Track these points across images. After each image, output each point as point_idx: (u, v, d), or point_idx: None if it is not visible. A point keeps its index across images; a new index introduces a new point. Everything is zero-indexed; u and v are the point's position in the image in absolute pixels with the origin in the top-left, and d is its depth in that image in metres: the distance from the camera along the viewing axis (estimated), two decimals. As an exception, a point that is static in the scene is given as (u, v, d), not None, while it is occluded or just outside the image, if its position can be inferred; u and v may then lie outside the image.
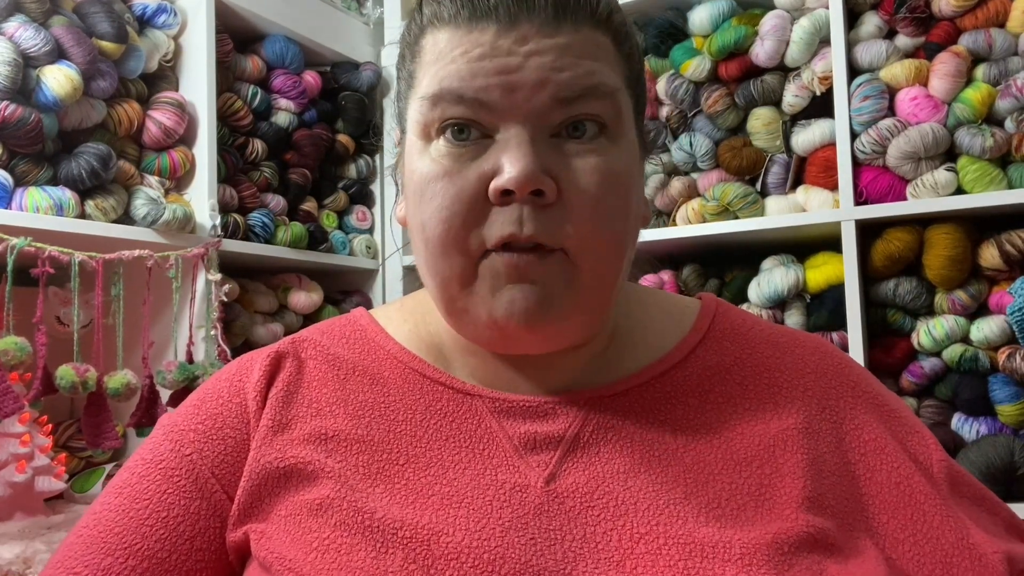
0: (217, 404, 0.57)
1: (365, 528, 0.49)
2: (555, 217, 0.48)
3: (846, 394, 0.56)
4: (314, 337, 0.60)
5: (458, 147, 0.49)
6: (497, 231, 0.48)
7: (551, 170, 0.48)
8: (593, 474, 0.51)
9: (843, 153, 1.45)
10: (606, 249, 0.50)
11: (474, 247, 0.49)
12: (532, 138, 0.48)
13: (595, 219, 0.49)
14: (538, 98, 0.48)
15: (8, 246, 1.14)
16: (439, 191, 0.49)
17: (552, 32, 0.48)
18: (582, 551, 0.47)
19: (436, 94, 0.49)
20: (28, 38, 1.21)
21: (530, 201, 0.47)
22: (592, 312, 0.52)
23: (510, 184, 0.47)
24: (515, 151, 0.47)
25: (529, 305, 0.48)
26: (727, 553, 0.46)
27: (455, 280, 0.50)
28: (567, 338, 0.52)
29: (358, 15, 1.98)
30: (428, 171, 0.50)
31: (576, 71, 0.48)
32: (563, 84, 0.48)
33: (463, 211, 0.48)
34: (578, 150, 0.49)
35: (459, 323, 0.53)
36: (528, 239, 0.48)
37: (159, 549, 0.52)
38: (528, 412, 0.54)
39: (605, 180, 0.49)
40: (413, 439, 0.54)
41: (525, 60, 0.47)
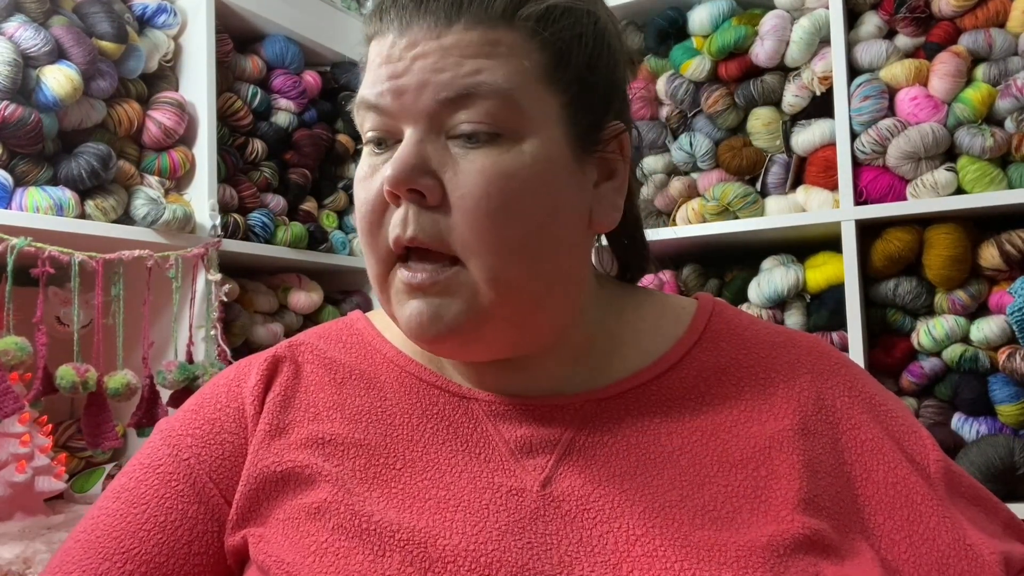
0: (215, 409, 0.57)
1: (362, 531, 0.49)
2: (437, 220, 0.48)
3: (842, 394, 0.55)
4: (311, 341, 0.60)
5: (375, 156, 0.52)
6: (389, 234, 0.50)
7: (436, 171, 0.48)
8: (589, 477, 0.51)
9: (843, 153, 1.45)
10: (497, 255, 0.48)
11: (383, 251, 0.51)
12: (420, 139, 0.49)
13: (479, 221, 0.48)
14: (421, 100, 0.48)
15: (8, 246, 1.14)
16: (359, 194, 0.52)
17: (440, 33, 0.48)
18: (578, 554, 0.47)
19: (357, 103, 0.52)
20: (28, 38, 1.21)
21: (414, 200, 0.48)
22: (510, 322, 0.50)
23: (386, 183, 0.48)
24: (398, 152, 0.49)
25: (423, 320, 0.49)
26: (723, 555, 0.46)
27: (376, 283, 0.53)
28: (491, 346, 0.52)
29: (358, 15, 1.98)
30: (357, 177, 0.53)
31: (457, 71, 0.48)
32: (442, 84, 0.48)
33: (369, 213, 0.51)
34: (466, 153, 0.48)
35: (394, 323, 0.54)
36: (410, 241, 0.48)
37: (157, 554, 0.52)
38: (524, 415, 0.54)
39: (487, 182, 0.48)
40: (410, 443, 0.54)
41: (411, 64, 0.48)
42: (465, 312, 0.49)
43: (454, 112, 0.48)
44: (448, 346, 0.52)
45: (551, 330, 0.54)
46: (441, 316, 0.49)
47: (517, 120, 0.49)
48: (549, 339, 0.54)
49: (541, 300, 0.51)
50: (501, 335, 0.51)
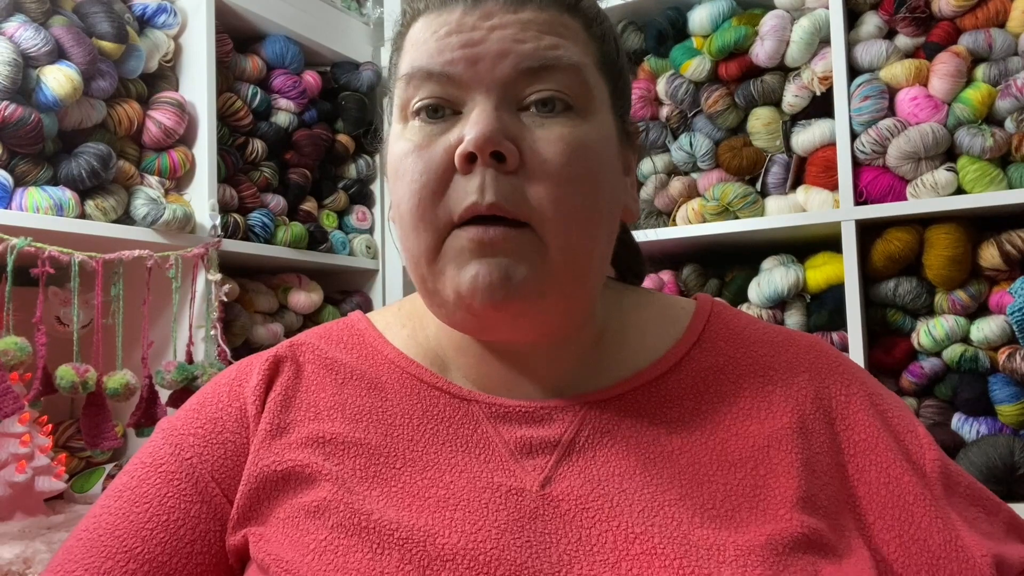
0: (216, 408, 0.57)
1: (361, 529, 0.49)
2: (517, 185, 0.48)
3: (840, 392, 0.56)
4: (312, 341, 0.60)
5: (430, 124, 0.50)
6: (461, 200, 0.48)
7: (514, 137, 0.48)
8: (588, 477, 0.51)
9: (843, 153, 1.45)
10: (572, 221, 0.49)
11: (442, 221, 0.49)
12: (496, 105, 0.49)
13: (559, 187, 0.48)
14: (500, 68, 0.49)
15: (8, 246, 1.14)
16: (410, 166, 0.50)
17: (516, 8, 0.50)
18: (577, 553, 0.48)
19: (409, 73, 0.51)
20: (28, 38, 1.21)
21: (492, 166, 0.48)
22: (563, 294, 0.51)
23: (470, 145, 0.47)
24: (477, 116, 0.48)
25: (493, 280, 0.48)
26: (722, 554, 0.47)
27: (423, 257, 0.50)
28: (539, 319, 0.51)
29: (358, 15, 1.98)
30: (403, 149, 0.51)
31: (538, 43, 0.49)
32: (525, 54, 0.49)
33: (431, 182, 0.49)
34: (543, 122, 0.49)
35: (433, 304, 0.53)
36: (489, 207, 0.47)
37: (159, 553, 0.52)
38: (524, 417, 0.54)
39: (569, 148, 0.49)
40: (410, 443, 0.54)
41: (488, 33, 0.49)
42: (532, 276, 0.48)
43: (530, 83, 0.49)
44: (506, 315, 0.50)
45: (578, 315, 0.54)
46: (510, 277, 0.48)
47: (587, 96, 0.51)
48: (570, 327, 0.54)
49: (589, 276, 0.52)
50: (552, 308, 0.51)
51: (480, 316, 0.50)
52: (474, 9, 0.50)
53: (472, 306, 0.49)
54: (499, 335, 0.53)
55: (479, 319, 0.51)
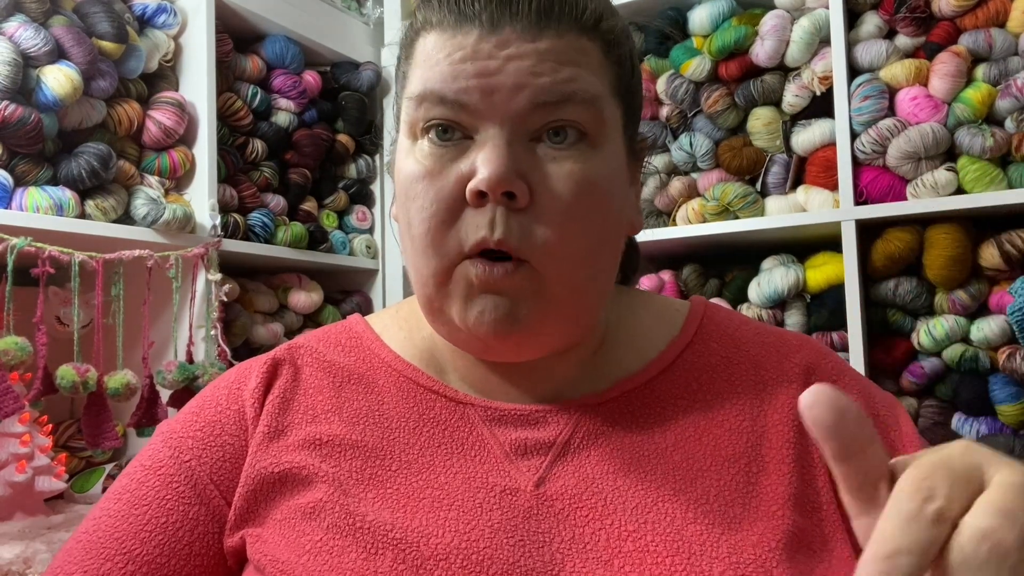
0: (215, 411, 0.57)
1: (356, 530, 0.49)
2: (526, 222, 0.48)
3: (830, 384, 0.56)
4: (310, 344, 0.61)
5: (441, 147, 0.50)
6: (471, 235, 0.48)
7: (525, 174, 0.48)
8: (582, 476, 0.51)
9: (843, 153, 1.45)
10: (576, 258, 0.50)
11: (452, 250, 0.49)
12: (509, 140, 0.48)
13: (566, 225, 0.49)
14: (516, 101, 0.48)
15: (8, 246, 1.14)
16: (421, 191, 0.50)
17: (533, 37, 0.48)
18: (570, 551, 0.48)
19: (420, 95, 0.50)
20: (28, 38, 1.21)
21: (503, 203, 0.48)
22: (566, 321, 0.52)
23: (482, 185, 0.47)
24: (489, 153, 0.48)
25: (498, 316, 0.48)
26: (715, 551, 0.47)
27: (432, 280, 0.50)
28: (542, 347, 0.53)
29: (358, 15, 1.98)
30: (413, 171, 0.50)
31: (555, 76, 0.48)
32: (541, 89, 0.48)
33: (442, 212, 0.49)
34: (555, 155, 0.49)
35: (437, 323, 0.53)
36: (497, 244, 0.48)
37: (158, 555, 0.52)
38: (520, 420, 0.54)
39: (580, 187, 0.49)
40: (406, 445, 0.54)
41: (505, 64, 0.48)
42: (534, 311, 0.49)
43: (545, 115, 0.49)
44: (510, 344, 0.51)
45: (583, 331, 0.55)
46: (515, 314, 0.49)
47: (600, 127, 0.50)
48: (577, 340, 0.55)
49: (590, 304, 0.53)
50: (554, 333, 0.52)
51: (485, 345, 0.51)
52: (491, 35, 0.48)
53: (478, 336, 0.50)
54: (500, 358, 0.54)
55: (484, 347, 0.52)
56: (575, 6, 0.50)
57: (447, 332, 0.53)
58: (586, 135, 0.50)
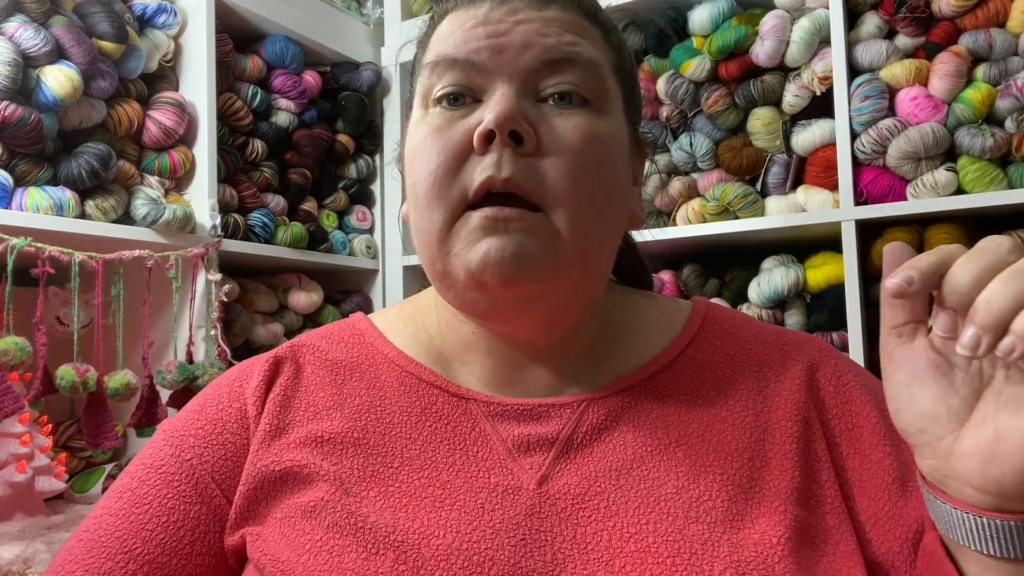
0: (217, 409, 0.57)
1: (357, 530, 0.49)
2: (533, 165, 0.49)
3: (830, 382, 0.56)
4: (313, 342, 0.61)
5: (450, 110, 0.52)
6: (477, 177, 0.49)
7: (532, 122, 0.50)
8: (585, 474, 0.51)
9: (843, 153, 1.45)
10: (585, 207, 0.50)
11: (456, 198, 0.49)
12: (516, 93, 0.50)
13: (573, 172, 0.50)
14: (523, 58, 0.51)
15: (8, 246, 1.14)
16: (428, 147, 0.51)
17: (541, 7, 0.52)
18: (572, 552, 0.48)
19: (433, 61, 0.52)
20: (28, 38, 1.21)
21: (510, 146, 0.49)
22: (571, 279, 0.51)
23: (489, 123, 0.48)
24: (497, 98, 0.50)
25: (504, 255, 0.48)
26: (716, 550, 0.47)
27: (435, 235, 0.50)
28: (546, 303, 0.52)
29: (358, 15, 1.98)
30: (422, 135, 0.52)
31: (560, 39, 0.52)
32: (547, 47, 0.51)
33: (448, 161, 0.50)
34: (561, 112, 0.51)
35: (443, 286, 0.53)
36: (504, 182, 0.48)
37: (159, 554, 0.52)
38: (523, 415, 0.54)
39: (585, 138, 0.50)
40: (408, 442, 0.54)
41: (513, 26, 0.51)
42: (544, 255, 0.49)
43: (550, 75, 0.51)
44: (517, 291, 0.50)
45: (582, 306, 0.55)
46: (522, 253, 0.48)
47: (603, 94, 0.53)
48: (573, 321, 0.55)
49: (596, 265, 0.53)
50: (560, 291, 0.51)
51: (490, 293, 0.50)
52: (501, 5, 0.52)
53: (482, 282, 0.49)
54: (506, 319, 0.53)
55: (488, 297, 0.51)
56: None
57: (453, 295, 0.52)
58: (589, 100, 0.52)
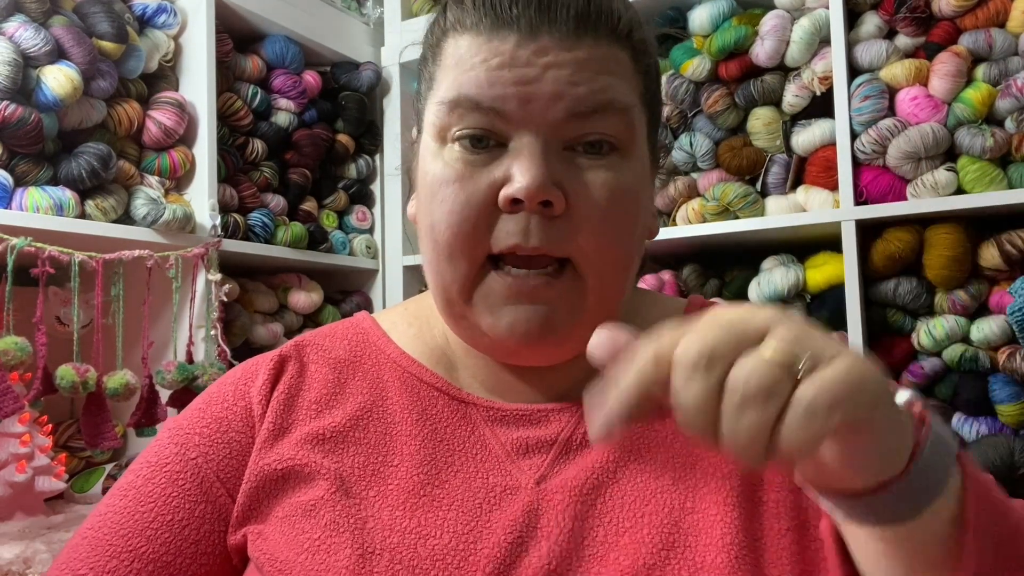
0: (222, 408, 0.57)
1: (354, 529, 0.50)
2: (562, 228, 0.48)
3: None
4: (317, 340, 0.61)
5: (472, 154, 0.49)
6: (504, 240, 0.48)
7: (561, 182, 0.48)
8: (583, 471, 0.52)
9: (843, 153, 1.45)
10: (611, 264, 0.50)
11: (479, 254, 0.49)
12: (544, 149, 0.48)
13: (602, 233, 0.49)
14: (553, 111, 0.48)
15: (8, 246, 1.14)
16: (450, 195, 0.49)
17: (572, 45, 0.48)
18: (568, 546, 0.48)
19: (454, 100, 0.49)
20: (28, 38, 1.21)
21: (538, 211, 0.48)
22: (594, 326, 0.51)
23: (519, 193, 0.47)
24: (527, 161, 0.47)
25: (531, 328, 0.49)
26: (708, 537, 0.48)
27: (455, 287, 0.50)
28: (568, 352, 0.53)
29: (358, 15, 1.98)
30: (441, 174, 0.50)
31: (592, 86, 0.48)
32: (578, 99, 0.48)
33: (472, 216, 0.49)
34: (590, 164, 0.49)
35: (457, 327, 0.53)
36: (534, 250, 0.48)
37: (164, 552, 0.52)
38: (522, 420, 0.55)
39: (614, 195, 0.49)
40: (408, 441, 0.54)
41: (543, 72, 0.48)
42: (571, 318, 0.49)
43: (581, 125, 0.49)
44: (539, 351, 0.51)
45: None
46: (551, 322, 0.49)
47: (631, 136, 0.51)
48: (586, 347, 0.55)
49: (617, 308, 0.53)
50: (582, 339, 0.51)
51: (510, 351, 0.51)
52: (529, 42, 0.48)
53: (506, 346, 0.50)
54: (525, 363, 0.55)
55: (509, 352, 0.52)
56: (611, 15, 0.50)
57: (470, 337, 0.53)
58: (618, 145, 0.50)
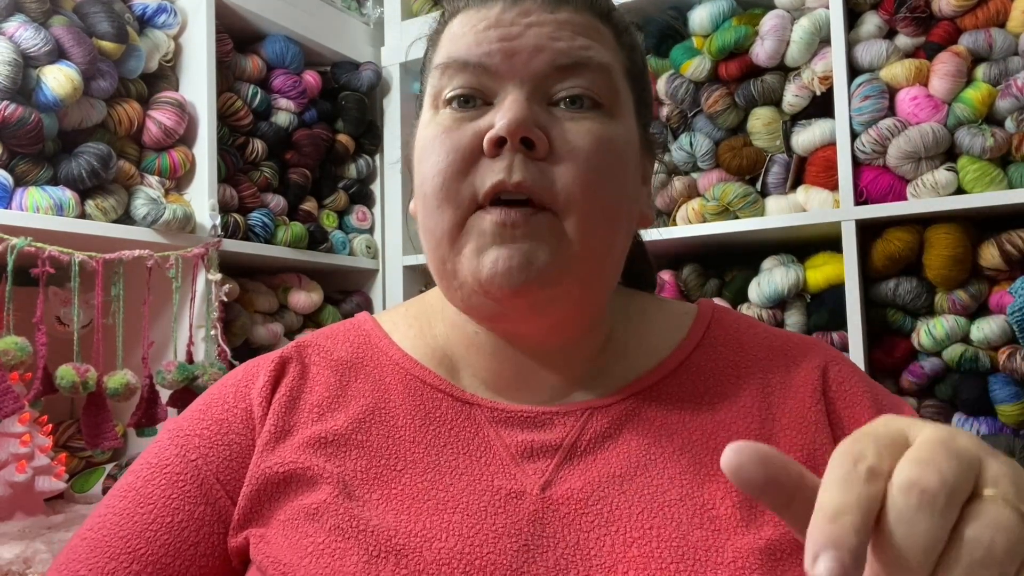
0: (223, 410, 0.57)
1: (359, 533, 0.49)
2: (544, 170, 0.49)
3: (838, 384, 0.56)
4: (318, 342, 0.61)
5: (460, 112, 0.51)
6: (487, 179, 0.49)
7: (544, 127, 0.50)
8: (589, 479, 0.51)
9: (843, 153, 1.45)
10: (595, 211, 0.50)
11: (465, 199, 0.49)
12: (528, 97, 0.50)
13: (584, 177, 0.49)
14: (535, 62, 0.50)
15: (8, 246, 1.14)
16: (437, 147, 0.51)
17: (553, 9, 0.52)
18: (574, 558, 0.48)
19: (444, 63, 0.52)
20: (28, 38, 1.21)
21: (521, 151, 0.49)
22: (580, 282, 0.51)
23: (501, 131, 0.48)
24: (509, 103, 0.49)
25: (512, 265, 0.48)
26: (719, 556, 0.47)
27: (445, 236, 0.50)
28: (555, 306, 0.51)
29: (358, 15, 1.98)
30: (432, 134, 0.52)
31: (572, 43, 0.51)
32: (560, 51, 0.50)
33: (457, 161, 0.50)
34: (573, 116, 0.51)
35: (449, 288, 0.53)
36: (516, 186, 0.48)
37: (163, 555, 0.52)
38: (527, 422, 0.54)
39: (598, 142, 0.50)
40: (412, 445, 0.54)
41: (525, 29, 0.51)
42: (553, 260, 0.49)
43: (561, 79, 0.51)
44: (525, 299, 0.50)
45: (591, 310, 0.55)
46: (531, 262, 0.48)
47: (614, 97, 0.52)
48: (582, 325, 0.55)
49: (605, 268, 0.53)
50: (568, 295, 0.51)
51: (497, 300, 0.50)
52: (513, 7, 0.52)
53: (490, 291, 0.49)
54: (513, 322, 0.53)
55: (496, 303, 0.51)
56: None
57: (460, 297, 0.52)
58: (601, 104, 0.51)
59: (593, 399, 0.55)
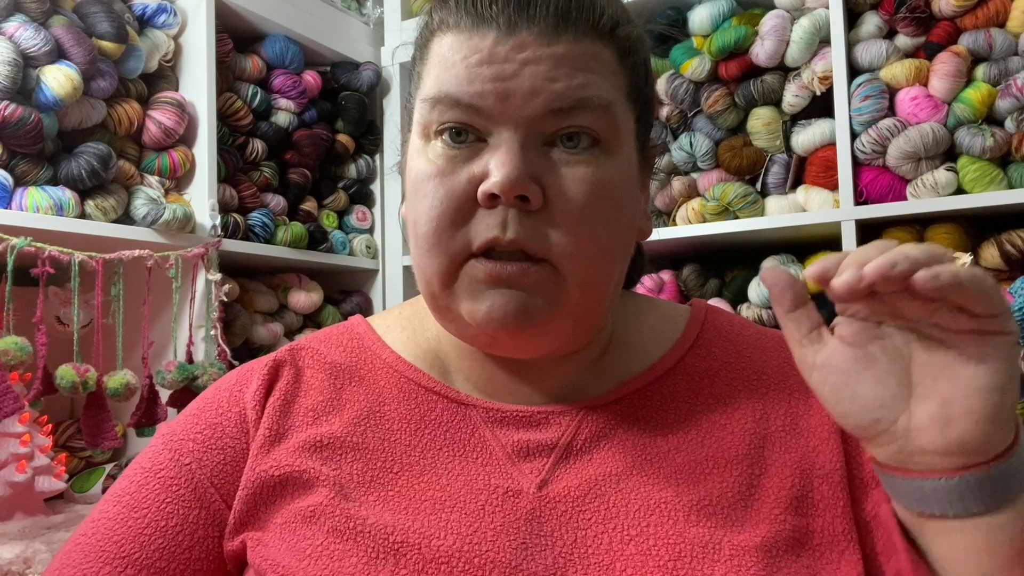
0: (216, 414, 0.57)
1: (357, 534, 0.49)
2: (539, 224, 0.48)
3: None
4: (312, 345, 0.61)
5: (453, 149, 0.49)
6: (482, 234, 0.48)
7: (539, 177, 0.48)
8: (585, 478, 0.51)
9: (843, 153, 1.45)
10: (591, 259, 0.50)
11: (458, 248, 0.49)
12: (523, 144, 0.48)
13: (580, 228, 0.48)
14: (530, 106, 0.48)
15: (8, 246, 1.14)
16: (431, 190, 0.49)
17: (550, 41, 0.48)
18: (572, 555, 0.48)
19: (434, 97, 0.50)
20: (28, 38, 1.21)
21: (516, 205, 0.48)
22: (575, 322, 0.51)
23: (496, 188, 0.47)
24: (503, 156, 0.47)
25: (509, 311, 0.48)
26: (717, 553, 0.47)
27: (436, 279, 0.50)
28: (549, 345, 0.52)
29: (358, 15, 1.98)
30: (424, 170, 0.50)
31: (570, 82, 0.48)
32: (556, 94, 0.48)
33: (450, 211, 0.49)
34: (568, 159, 0.49)
35: (444, 320, 0.53)
36: (510, 243, 0.48)
37: (157, 559, 0.52)
38: (522, 421, 0.54)
39: (593, 190, 0.49)
40: (407, 447, 0.54)
41: (521, 68, 0.48)
42: (550, 307, 0.49)
43: (559, 120, 0.48)
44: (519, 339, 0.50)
45: (590, 334, 0.55)
46: (528, 308, 0.48)
47: (613, 133, 0.50)
48: (583, 342, 0.55)
49: (602, 304, 0.53)
50: (562, 332, 0.52)
51: (494, 339, 0.51)
52: (508, 38, 0.48)
53: (486, 331, 0.50)
54: (509, 354, 0.54)
55: (493, 341, 0.52)
56: (592, 11, 0.49)
57: (455, 329, 0.53)
58: (599, 141, 0.50)
59: (588, 398, 0.55)
